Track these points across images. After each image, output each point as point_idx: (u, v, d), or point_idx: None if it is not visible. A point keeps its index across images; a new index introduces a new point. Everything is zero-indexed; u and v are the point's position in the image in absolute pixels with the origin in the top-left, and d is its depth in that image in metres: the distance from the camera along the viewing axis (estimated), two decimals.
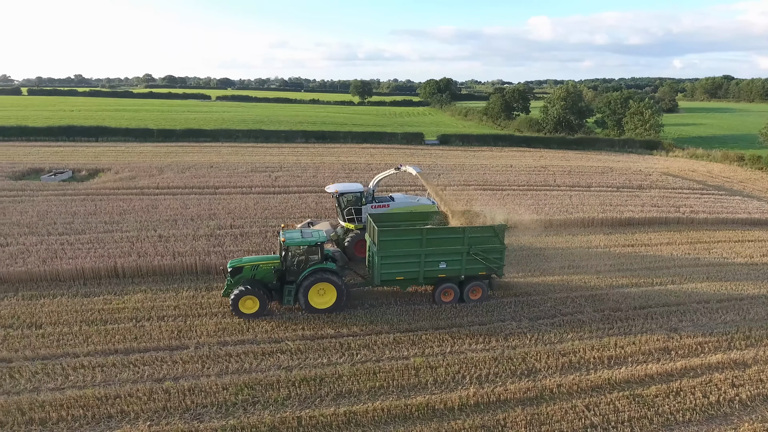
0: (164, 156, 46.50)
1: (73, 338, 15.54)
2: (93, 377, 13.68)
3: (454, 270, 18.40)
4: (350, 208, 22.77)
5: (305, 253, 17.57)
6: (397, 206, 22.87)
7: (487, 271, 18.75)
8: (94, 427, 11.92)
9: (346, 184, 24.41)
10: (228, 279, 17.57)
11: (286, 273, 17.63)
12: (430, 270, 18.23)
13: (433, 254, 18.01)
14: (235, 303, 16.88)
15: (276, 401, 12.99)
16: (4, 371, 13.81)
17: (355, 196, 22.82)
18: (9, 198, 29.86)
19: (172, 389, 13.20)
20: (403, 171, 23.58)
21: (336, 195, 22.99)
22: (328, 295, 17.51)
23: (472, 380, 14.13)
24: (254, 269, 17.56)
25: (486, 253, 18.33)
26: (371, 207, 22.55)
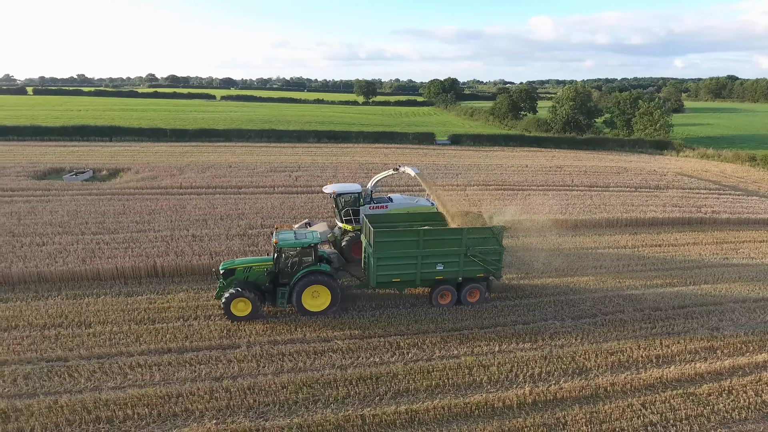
0: (179, 156, 46.59)
1: (125, 337, 15.63)
2: (151, 376, 13.77)
3: (451, 272, 18.12)
4: (348, 209, 22.48)
5: (299, 254, 17.22)
6: (396, 207, 22.54)
7: (485, 273, 18.48)
8: (160, 425, 12.02)
9: (343, 185, 24.03)
10: (220, 281, 17.27)
11: (280, 275, 17.27)
12: (427, 272, 17.93)
13: (430, 256, 17.73)
14: (226, 305, 16.51)
15: (336, 400, 13.09)
16: (62, 370, 13.91)
17: (353, 197, 22.53)
18: (36, 198, 29.95)
19: (232, 388, 13.30)
20: (402, 172, 23.27)
21: (333, 196, 22.71)
22: (323, 297, 17.23)
23: (526, 379, 14.25)
24: (247, 271, 17.25)
25: (484, 254, 18.03)
26: (369, 208, 22.25)
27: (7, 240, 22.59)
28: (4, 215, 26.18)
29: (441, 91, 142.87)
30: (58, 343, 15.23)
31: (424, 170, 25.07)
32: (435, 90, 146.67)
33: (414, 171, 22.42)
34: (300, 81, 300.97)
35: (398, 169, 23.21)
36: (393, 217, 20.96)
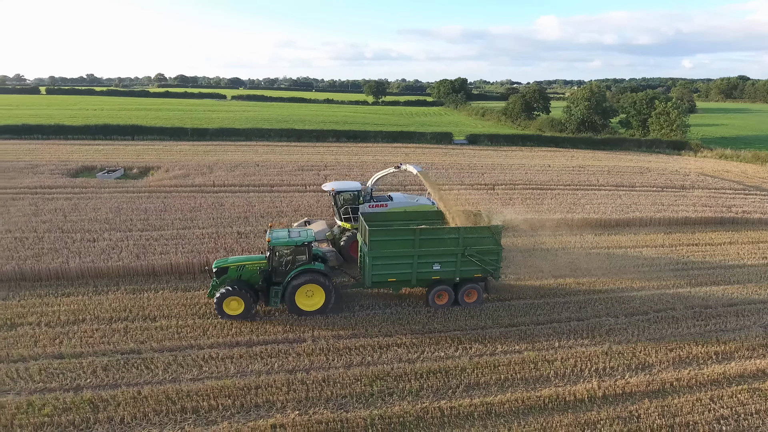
0: (203, 155, 46.95)
1: (191, 331, 15.93)
2: (226, 368, 14.07)
3: (448, 272, 17.80)
4: (347, 207, 22.23)
5: (292, 253, 17.01)
6: (396, 206, 22.20)
7: (482, 274, 18.16)
8: (244, 415, 12.30)
9: (343, 183, 23.58)
10: (213, 280, 17.16)
11: (273, 273, 17.10)
12: (423, 272, 17.65)
13: (426, 255, 17.44)
14: (219, 304, 16.38)
15: (411, 392, 13.35)
16: (138, 362, 14.22)
17: (352, 195, 22.33)
18: (76, 195, 30.35)
19: (307, 380, 13.59)
20: (403, 170, 22.88)
21: (332, 193, 22.55)
22: (317, 296, 17.00)
23: (591, 373, 14.46)
24: (240, 269, 17.10)
25: (482, 254, 17.73)
26: (369, 206, 21.95)
27: (59, 236, 22.96)
28: (49, 212, 26.59)
29: (451, 91, 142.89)
30: (128, 336, 15.56)
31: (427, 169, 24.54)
32: (445, 90, 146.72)
33: (416, 169, 22.11)
34: (307, 81, 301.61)
35: (399, 167, 22.88)
36: (390, 215, 20.69)
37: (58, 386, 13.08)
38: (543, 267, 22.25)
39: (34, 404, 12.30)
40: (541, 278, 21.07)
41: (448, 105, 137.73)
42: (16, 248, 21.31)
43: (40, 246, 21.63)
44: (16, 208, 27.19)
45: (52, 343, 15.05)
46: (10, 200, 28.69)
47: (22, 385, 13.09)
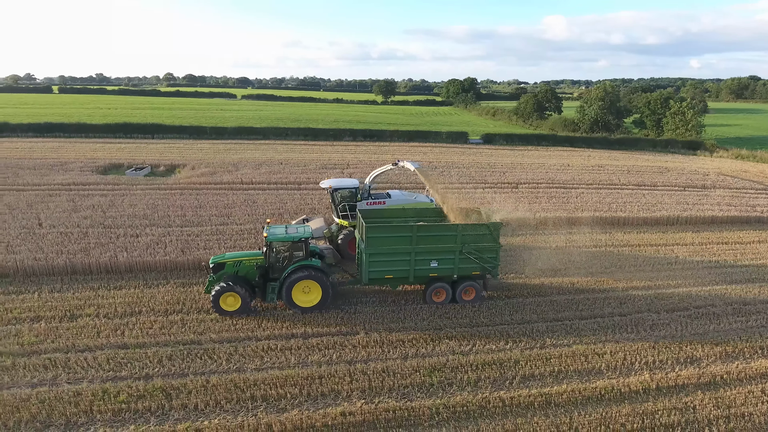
0: (223, 153, 47.40)
1: (247, 323, 16.33)
2: (286, 359, 14.46)
3: (446, 269, 17.74)
4: (344, 204, 22.15)
5: (289, 249, 17.05)
6: (394, 203, 22.10)
7: (481, 271, 18.05)
8: (312, 403, 12.68)
9: (341, 180, 23.67)
10: (210, 276, 17.20)
11: (270, 270, 17.15)
12: (420, 269, 17.61)
13: (424, 252, 17.39)
14: (215, 300, 16.41)
15: (469, 383, 13.70)
16: (201, 352, 14.64)
17: (350, 192, 22.30)
18: (111, 191, 30.87)
19: (368, 371, 13.96)
20: (401, 167, 22.77)
21: (330, 191, 22.52)
22: (314, 293, 17.01)
23: (642, 366, 14.78)
24: (237, 265, 17.11)
25: (480, 252, 17.64)
26: (367, 204, 21.85)
27: (102, 231, 23.45)
28: (87, 208, 27.09)
29: (461, 91, 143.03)
30: (185, 327, 15.97)
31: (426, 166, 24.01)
32: (454, 90, 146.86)
33: (414, 165, 21.92)
34: (314, 81, 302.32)
35: (397, 163, 22.82)
36: (388, 212, 20.61)
37: (128, 375, 13.52)
38: (579, 263, 22.55)
39: (109, 392, 12.74)
40: (578, 275, 21.34)
41: (458, 105, 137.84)
42: (63, 243, 21.81)
43: (86, 241, 22.11)
44: (54, 204, 27.71)
45: (114, 333, 15.49)
46: (48, 196, 29.22)
47: (93, 373, 13.53)
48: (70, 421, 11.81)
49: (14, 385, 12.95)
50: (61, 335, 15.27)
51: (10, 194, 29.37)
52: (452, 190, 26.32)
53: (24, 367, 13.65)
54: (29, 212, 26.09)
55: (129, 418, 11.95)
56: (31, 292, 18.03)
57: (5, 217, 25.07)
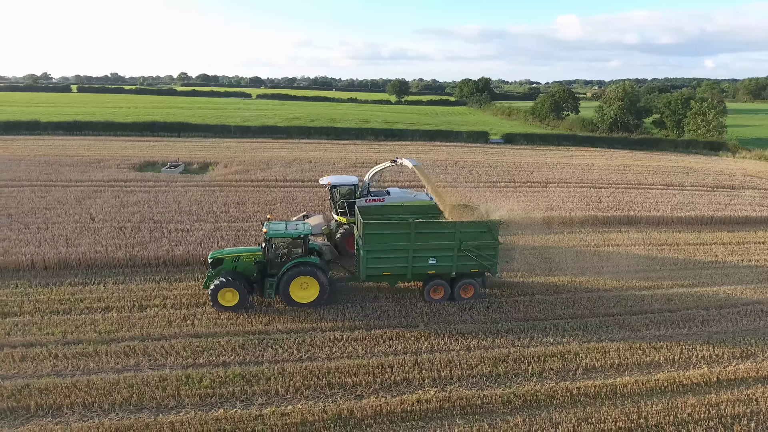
0: (251, 151, 48.03)
1: (309, 315, 16.86)
2: (354, 349, 14.96)
3: (444, 267, 17.72)
4: (343, 201, 22.15)
5: (288, 245, 17.18)
6: (393, 201, 22.11)
7: (479, 269, 18.03)
8: (387, 392, 13.16)
9: (340, 177, 23.60)
10: (209, 271, 17.36)
11: (268, 265, 17.25)
12: (419, 266, 17.60)
13: (422, 249, 17.38)
14: (214, 295, 16.55)
15: (534, 373, 14.13)
16: (270, 342, 15.18)
17: (349, 189, 22.30)
18: (153, 188, 31.61)
19: (434, 361, 14.43)
20: (399, 164, 22.73)
21: (329, 187, 22.54)
22: (311, 289, 17.06)
23: (699, 360, 15.11)
24: (235, 261, 17.21)
25: (478, 249, 17.60)
26: (366, 201, 21.80)
27: (154, 226, 24.15)
28: (135, 203, 27.84)
29: (475, 91, 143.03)
30: (251, 318, 16.53)
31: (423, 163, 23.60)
32: (468, 90, 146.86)
33: (412, 163, 21.96)
34: (325, 80, 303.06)
35: (396, 160, 22.85)
36: (387, 209, 20.63)
37: (206, 362, 14.10)
38: (620, 262, 22.90)
39: (193, 377, 13.32)
40: (621, 272, 21.69)
41: (472, 105, 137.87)
42: (119, 237, 22.52)
43: (140, 235, 22.80)
44: (101, 199, 28.49)
45: (184, 323, 16.09)
46: (93, 192, 30.01)
47: (172, 360, 14.12)
48: (161, 404, 12.40)
49: (101, 371, 13.57)
50: (134, 324, 15.90)
51: (56, 190, 30.19)
52: (448, 188, 26.46)
53: (106, 354, 14.28)
54: (78, 207, 26.85)
55: (215, 403, 12.51)
56: (96, 284, 18.71)
57: (58, 212, 25.85)
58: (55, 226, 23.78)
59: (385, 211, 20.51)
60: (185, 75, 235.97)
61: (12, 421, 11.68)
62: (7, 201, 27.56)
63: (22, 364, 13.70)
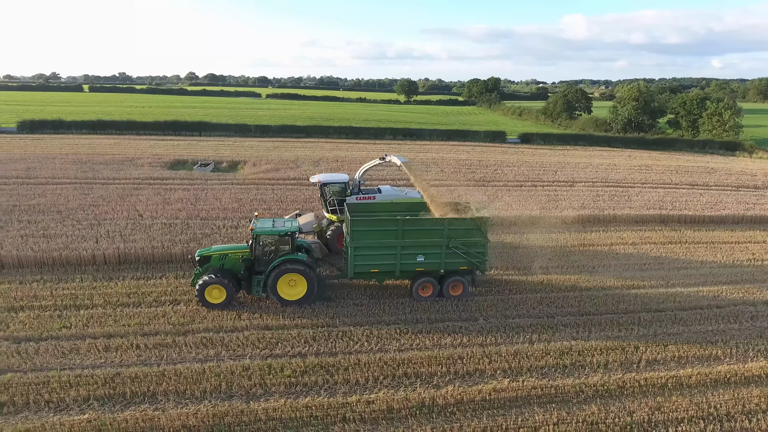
0: (272, 150, 48.54)
1: (370, 309, 17.35)
2: (422, 341, 15.46)
3: (432, 264, 17.65)
4: (333, 199, 22.14)
5: (276, 243, 17.13)
6: (384, 198, 22.00)
7: (468, 266, 17.94)
8: (463, 381, 13.62)
9: (330, 174, 23.62)
10: (196, 269, 17.37)
11: (256, 263, 17.23)
12: (407, 263, 17.54)
13: (410, 246, 17.32)
14: (200, 292, 16.52)
15: (599, 365, 14.57)
16: (339, 334, 15.66)
17: (340, 187, 22.30)
18: (191, 186, 32.15)
19: (502, 353, 14.90)
20: (388, 161, 22.75)
21: (319, 185, 22.58)
22: (299, 286, 17.03)
23: (756, 354, 15.54)
24: (222, 258, 17.22)
25: (467, 247, 17.52)
26: (356, 199, 21.73)
27: (203, 222, 24.72)
28: (177, 201, 28.40)
29: (484, 91, 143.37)
30: (316, 311, 17.02)
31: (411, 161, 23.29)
32: (478, 90, 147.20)
33: (401, 160, 21.94)
34: (331, 80, 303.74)
35: (385, 158, 22.82)
36: (377, 207, 20.61)
37: (282, 352, 14.59)
38: (661, 259, 23.33)
39: (274, 367, 13.81)
40: (662, 269, 22.13)
41: (481, 104, 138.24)
42: (171, 233, 23.06)
43: (191, 232, 23.32)
44: (144, 196, 29.05)
45: (253, 316, 16.58)
46: (133, 190, 30.57)
47: (250, 351, 14.62)
48: (249, 392, 12.90)
49: (183, 360, 14.08)
50: (205, 317, 16.40)
51: (97, 188, 30.75)
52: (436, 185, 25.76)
53: (184, 345, 14.79)
54: (123, 204, 27.41)
55: (301, 391, 13.00)
56: (158, 278, 19.24)
57: (105, 209, 26.40)
58: (106, 222, 24.33)
59: (376, 208, 20.46)
60: (193, 75, 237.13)
61: (111, 407, 12.19)
62: (53, 198, 28.14)
63: (107, 354, 14.23)
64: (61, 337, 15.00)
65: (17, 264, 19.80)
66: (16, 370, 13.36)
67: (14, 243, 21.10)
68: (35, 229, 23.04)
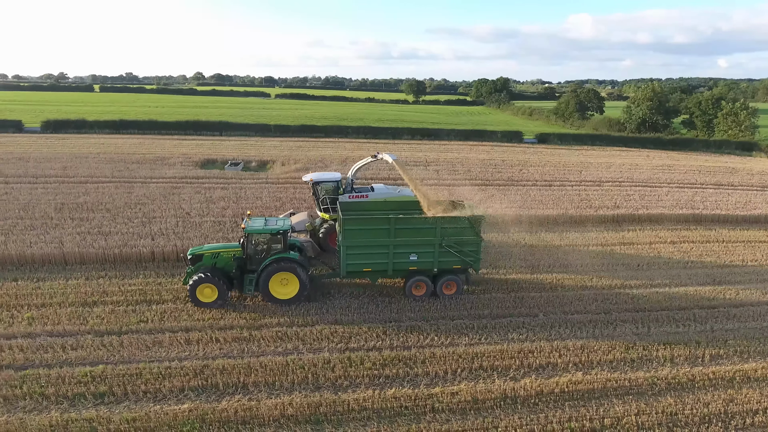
0: (295, 150, 48.95)
1: (431, 305, 17.75)
2: (488, 336, 15.85)
3: (425, 263, 17.59)
4: (326, 198, 22.14)
5: (268, 241, 17.14)
6: (377, 197, 21.90)
7: (462, 265, 17.86)
8: (538, 374, 13.99)
9: (322, 173, 23.56)
10: (188, 267, 17.40)
11: (248, 261, 17.25)
12: (399, 262, 17.47)
13: (402, 245, 17.27)
14: (192, 291, 16.55)
15: (666, 359, 14.97)
16: (407, 329, 16.09)
17: (332, 185, 22.30)
18: (230, 185, 32.63)
19: (569, 347, 15.30)
20: (380, 159, 22.72)
21: (311, 184, 22.58)
22: (291, 285, 17.00)
23: None
24: (215, 257, 17.26)
25: (460, 245, 17.45)
26: (349, 197, 21.69)
27: None
28: (219, 199, 28.89)
29: (493, 91, 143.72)
30: (382, 307, 17.42)
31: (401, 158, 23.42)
32: (487, 90, 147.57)
33: (391, 157, 21.92)
34: (337, 80, 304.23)
35: (377, 155, 22.83)
36: (370, 205, 20.51)
37: (357, 346, 15.01)
38: (704, 259, 23.68)
39: (354, 360, 14.24)
40: (716, 267, 22.51)
41: (490, 104, 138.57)
42: (224, 231, 23.61)
43: (241, 230, 23.73)
44: (186, 195, 29.55)
45: (320, 311, 17.02)
46: (173, 188, 31.05)
47: (326, 345, 15.04)
48: (335, 384, 13.33)
49: (264, 353, 14.51)
50: (274, 312, 16.83)
51: (138, 187, 31.23)
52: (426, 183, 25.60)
53: (261, 339, 15.22)
54: (168, 202, 27.90)
55: (385, 383, 13.43)
56: None
57: (151, 207, 26.89)
58: (156, 220, 24.81)
59: (369, 207, 20.41)
60: (200, 75, 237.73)
61: (207, 397, 12.63)
62: (97, 196, 28.65)
63: (189, 347, 14.68)
64: (141, 331, 15.48)
65: (80, 260, 20.31)
66: (105, 362, 13.83)
67: (74, 240, 21.60)
68: (89, 226, 23.54)
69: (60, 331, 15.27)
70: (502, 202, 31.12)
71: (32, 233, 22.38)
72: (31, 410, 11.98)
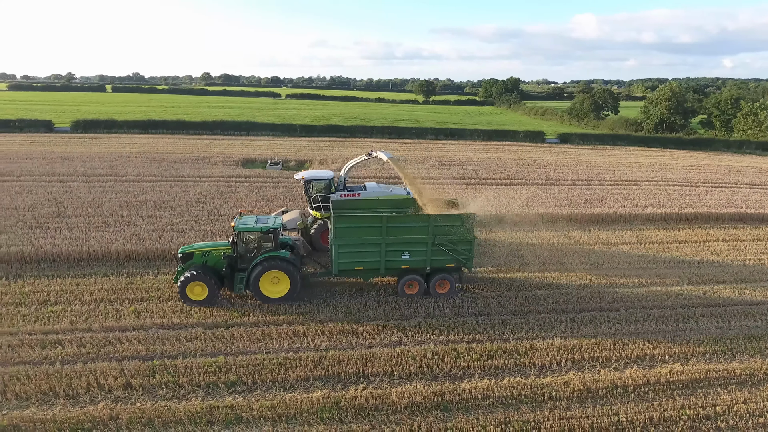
0: (324, 149, 49.45)
1: (515, 300, 18.34)
2: (579, 329, 16.41)
3: (418, 261, 17.56)
4: (317, 196, 22.15)
5: (258, 240, 17.12)
6: (369, 195, 21.95)
7: (455, 264, 17.84)
8: (639, 365, 14.51)
9: (315, 171, 23.44)
10: (179, 266, 17.48)
11: (238, 260, 17.25)
12: (392, 260, 17.45)
13: (395, 244, 17.23)
14: (182, 289, 16.53)
15: (754, 351, 15.52)
16: (500, 323, 16.65)
17: (324, 184, 22.31)
18: (279, 184, 33.19)
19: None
20: (374, 157, 22.85)
21: (303, 182, 22.64)
22: (282, 284, 16.98)
23: None
24: (205, 255, 17.26)
25: (453, 244, 17.41)
26: (341, 196, 21.75)
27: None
28: (276, 197, 29.54)
29: (504, 91, 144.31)
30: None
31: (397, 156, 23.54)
32: (497, 90, 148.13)
33: (386, 156, 21.94)
34: (342, 80, 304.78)
35: (371, 154, 22.96)
36: (362, 204, 20.40)
37: (458, 339, 15.57)
38: (761, 257, 24.21)
39: (459, 351, 14.80)
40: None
41: (500, 104, 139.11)
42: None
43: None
44: (242, 193, 30.14)
45: (410, 305, 17.57)
46: (225, 187, 31.64)
47: (428, 337, 15.61)
48: (449, 374, 13.87)
49: (371, 345, 15.06)
50: (368, 306, 17.40)
51: (190, 185, 31.80)
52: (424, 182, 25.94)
53: (365, 331, 15.76)
54: (227, 201, 28.48)
55: (496, 373, 13.99)
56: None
57: (213, 205, 27.47)
58: (221, 218, 25.36)
59: (361, 205, 20.34)
60: (208, 75, 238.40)
61: (333, 386, 13.18)
62: (155, 195, 29.21)
63: (298, 339, 15.19)
64: (246, 324, 16.03)
65: (162, 257, 20.84)
66: (224, 353, 14.38)
67: (151, 237, 22.15)
68: (161, 224, 24.12)
69: (169, 324, 15.84)
70: (554, 202, 31.62)
71: (109, 230, 22.96)
72: (171, 398, 12.55)
